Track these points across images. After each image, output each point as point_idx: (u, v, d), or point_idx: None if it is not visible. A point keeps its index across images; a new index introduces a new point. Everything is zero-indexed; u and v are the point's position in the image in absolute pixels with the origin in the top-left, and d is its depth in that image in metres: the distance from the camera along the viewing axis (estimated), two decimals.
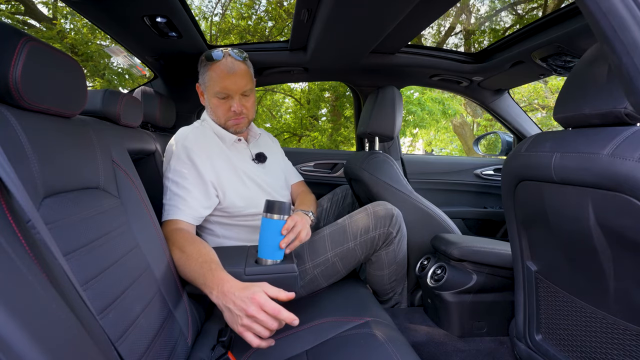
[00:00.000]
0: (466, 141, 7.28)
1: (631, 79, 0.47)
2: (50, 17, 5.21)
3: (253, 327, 0.67)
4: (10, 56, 0.49)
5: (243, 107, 1.07)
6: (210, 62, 1.03)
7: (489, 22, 6.66)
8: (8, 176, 0.34)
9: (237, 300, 0.69)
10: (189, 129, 1.09)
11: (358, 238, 1.06)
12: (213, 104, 1.07)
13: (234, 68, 1.03)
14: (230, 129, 1.10)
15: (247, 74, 1.07)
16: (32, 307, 0.34)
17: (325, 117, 7.27)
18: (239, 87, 1.04)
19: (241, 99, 1.06)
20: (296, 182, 1.38)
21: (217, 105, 1.07)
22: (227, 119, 1.08)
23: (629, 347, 0.61)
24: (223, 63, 1.02)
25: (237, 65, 1.04)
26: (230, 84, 1.03)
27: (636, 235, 0.52)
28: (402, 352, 0.71)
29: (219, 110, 1.07)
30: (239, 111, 1.06)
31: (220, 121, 1.09)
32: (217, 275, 0.75)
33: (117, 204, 0.69)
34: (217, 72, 1.03)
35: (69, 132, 0.62)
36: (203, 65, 1.06)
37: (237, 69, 1.03)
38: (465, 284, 1.08)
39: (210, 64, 1.03)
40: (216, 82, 1.03)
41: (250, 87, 1.07)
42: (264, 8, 6.16)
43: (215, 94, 1.05)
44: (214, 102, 1.07)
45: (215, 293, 0.72)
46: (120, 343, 0.55)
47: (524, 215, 0.79)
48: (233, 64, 1.03)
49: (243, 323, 0.67)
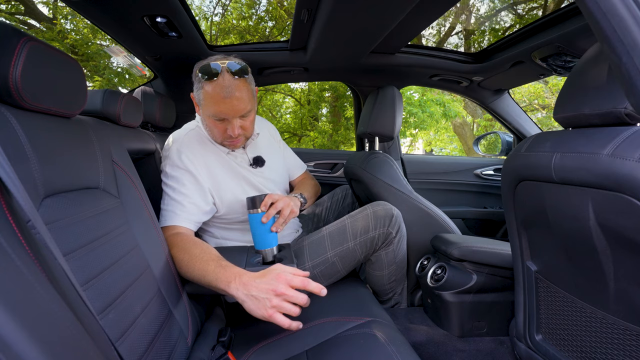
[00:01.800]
0: (466, 141, 7.28)
1: (631, 79, 0.47)
2: (51, 17, 5.21)
3: (283, 305, 0.67)
4: (10, 56, 0.49)
5: (240, 129, 0.96)
6: (205, 79, 0.88)
7: (489, 22, 6.66)
8: (8, 176, 0.34)
9: (262, 284, 0.69)
10: (183, 132, 1.06)
11: (358, 238, 1.06)
12: (209, 124, 0.98)
13: (232, 90, 0.88)
14: (227, 147, 1.05)
15: (246, 94, 0.92)
16: (32, 307, 0.34)
17: (325, 118, 7.27)
18: (236, 111, 0.92)
19: (239, 121, 0.95)
20: (300, 174, 1.36)
21: (212, 125, 0.97)
22: (223, 139, 1.00)
23: (629, 347, 0.61)
24: (219, 84, 0.88)
25: (235, 85, 0.89)
26: (227, 109, 0.91)
27: (636, 235, 0.52)
28: (402, 352, 0.71)
29: (215, 131, 0.98)
30: (236, 135, 0.96)
31: (217, 140, 1.02)
32: (231, 270, 0.75)
33: (117, 204, 0.69)
34: (212, 93, 0.89)
35: (69, 132, 0.62)
36: (197, 80, 0.92)
37: (235, 91, 0.89)
38: (465, 284, 1.08)
39: (205, 82, 0.89)
40: (211, 105, 0.91)
41: (249, 109, 0.95)
42: (264, 8, 6.16)
43: (210, 115, 0.94)
44: (210, 122, 0.96)
45: (234, 285, 0.71)
46: (120, 343, 0.55)
47: (524, 215, 0.79)
48: (230, 85, 0.88)
49: (273, 304, 0.67)
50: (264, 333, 0.88)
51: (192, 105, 1.73)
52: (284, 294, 0.68)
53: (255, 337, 0.86)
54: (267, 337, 0.85)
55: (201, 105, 0.95)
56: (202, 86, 0.91)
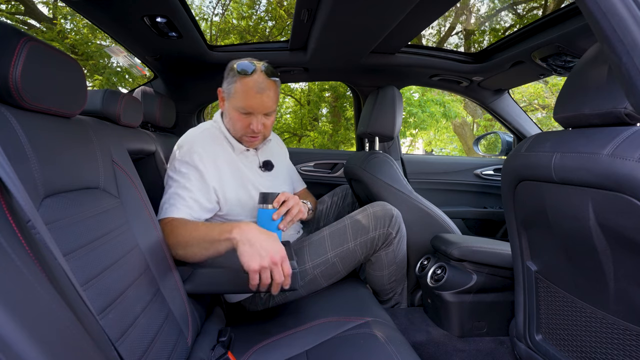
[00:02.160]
0: (466, 141, 7.28)
1: (631, 79, 0.47)
2: (51, 17, 5.21)
3: (274, 271, 0.74)
4: (10, 56, 0.49)
5: (262, 126, 1.03)
6: (240, 75, 0.97)
7: (489, 22, 6.66)
8: (8, 176, 0.34)
9: (264, 241, 0.75)
10: (198, 131, 1.07)
11: (358, 238, 1.06)
12: (233, 116, 1.02)
13: (263, 88, 0.97)
14: (244, 143, 1.08)
15: (274, 94, 1.02)
16: (32, 307, 0.34)
17: (325, 118, 7.27)
18: (264, 107, 1.00)
19: (262, 118, 1.02)
20: (300, 189, 1.39)
21: (237, 118, 1.02)
22: (243, 134, 1.04)
23: (629, 347, 0.61)
24: (254, 79, 0.96)
25: (267, 84, 0.98)
26: (256, 104, 0.98)
27: (636, 235, 0.52)
28: (402, 352, 0.71)
29: (238, 124, 1.03)
30: (258, 130, 1.02)
31: (237, 134, 1.06)
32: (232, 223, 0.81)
33: (117, 204, 0.69)
34: (246, 88, 0.97)
35: (69, 132, 0.62)
36: (232, 75, 0.99)
37: (266, 89, 0.98)
38: (465, 284, 1.08)
39: (240, 77, 0.97)
40: (242, 98, 0.98)
41: (274, 109, 1.04)
42: (264, 8, 6.16)
43: (237, 108, 1.00)
44: (235, 115, 1.02)
45: (237, 229, 0.77)
46: (120, 343, 0.55)
47: (524, 215, 0.79)
48: (263, 83, 0.97)
49: (263, 264, 0.72)
50: (264, 333, 0.88)
51: (192, 105, 1.75)
52: (277, 265, 0.74)
53: (255, 337, 0.86)
54: (267, 337, 0.85)
55: (230, 98, 1.01)
56: (235, 80, 0.98)
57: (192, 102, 1.72)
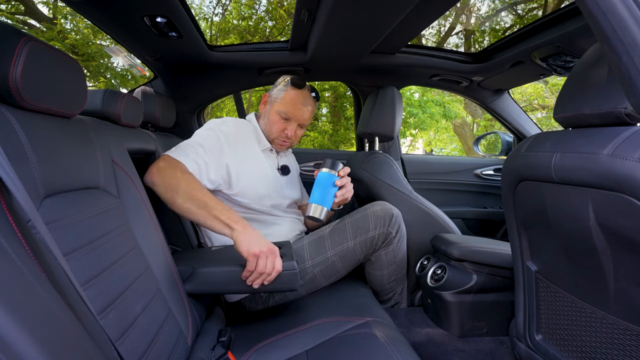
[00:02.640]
0: (466, 141, 7.28)
1: (631, 79, 0.47)
2: (51, 17, 5.21)
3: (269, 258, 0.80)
4: (10, 56, 0.49)
5: (294, 135, 1.17)
6: (294, 86, 1.14)
7: (489, 22, 6.65)
8: (8, 176, 0.34)
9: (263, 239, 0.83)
10: (232, 120, 1.15)
11: (358, 237, 1.06)
12: (273, 119, 1.16)
13: (307, 102, 1.16)
14: (274, 146, 1.20)
15: (312, 111, 1.20)
16: (32, 307, 0.34)
17: (325, 117, 7.26)
18: (303, 118, 1.16)
19: (296, 128, 1.17)
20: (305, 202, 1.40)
21: (275, 121, 1.15)
22: (277, 136, 1.17)
23: (629, 347, 0.61)
24: (302, 93, 1.15)
25: (310, 100, 1.17)
26: (298, 113, 1.15)
27: (636, 235, 0.52)
28: (402, 352, 0.71)
29: (275, 127, 1.16)
30: (290, 136, 1.16)
31: (271, 136, 1.18)
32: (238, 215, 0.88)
33: (117, 204, 0.69)
34: (294, 97, 1.14)
35: (69, 132, 0.62)
36: (284, 84, 1.16)
37: (309, 104, 1.17)
38: (465, 284, 1.08)
39: (292, 88, 1.14)
40: (288, 104, 1.14)
41: (308, 123, 1.20)
42: (264, 8, 6.16)
43: (280, 112, 1.14)
44: (275, 118, 1.15)
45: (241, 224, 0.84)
46: (120, 343, 0.55)
47: (524, 215, 0.79)
48: (309, 99, 1.16)
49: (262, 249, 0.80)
50: (264, 333, 0.88)
51: (192, 105, 1.75)
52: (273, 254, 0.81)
53: (255, 337, 0.86)
54: (267, 337, 0.85)
55: (275, 102, 1.16)
56: (287, 89, 1.15)
57: (192, 102, 1.72)
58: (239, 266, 0.83)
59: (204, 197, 0.87)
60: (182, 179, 0.88)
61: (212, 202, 0.87)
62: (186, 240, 1.15)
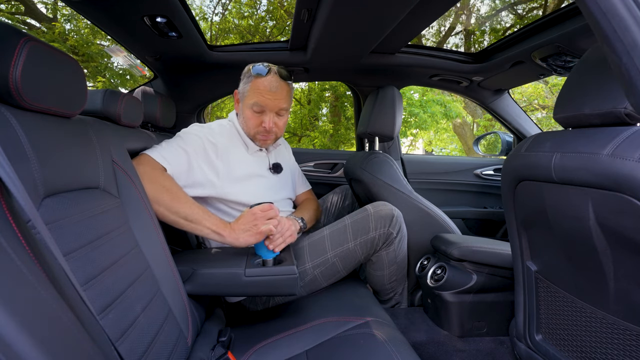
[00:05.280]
0: (466, 141, 7.28)
1: (631, 79, 0.47)
2: (51, 17, 5.21)
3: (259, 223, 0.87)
4: (10, 56, 0.49)
5: (274, 125, 1.08)
6: (255, 76, 1.04)
7: (489, 22, 6.65)
8: (8, 176, 0.34)
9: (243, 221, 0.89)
10: (216, 125, 1.11)
11: (358, 238, 1.06)
12: (247, 115, 1.08)
13: (277, 86, 1.04)
14: (257, 142, 1.12)
15: (288, 94, 1.08)
16: (32, 307, 0.34)
17: (325, 117, 7.26)
18: (276, 105, 1.06)
19: (274, 117, 1.08)
20: (304, 191, 1.39)
21: (250, 117, 1.07)
22: (256, 132, 1.09)
23: (629, 347, 0.61)
24: (268, 80, 1.04)
25: (280, 84, 1.05)
26: (268, 102, 1.04)
27: (636, 235, 0.52)
28: (402, 352, 0.71)
29: (251, 122, 1.08)
30: (269, 128, 1.07)
31: (250, 133, 1.10)
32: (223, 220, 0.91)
33: (117, 204, 0.69)
34: (260, 87, 1.04)
35: (69, 132, 0.62)
36: (247, 76, 1.07)
37: (279, 88, 1.05)
38: (465, 284, 1.08)
39: (255, 78, 1.04)
40: (256, 95, 1.04)
41: (285, 107, 1.09)
42: (265, 8, 6.16)
43: (251, 106, 1.06)
44: (248, 113, 1.07)
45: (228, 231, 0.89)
46: (120, 343, 0.55)
47: (524, 215, 0.79)
48: (276, 83, 1.04)
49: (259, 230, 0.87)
50: (264, 333, 0.88)
51: (192, 105, 1.75)
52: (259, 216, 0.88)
53: (255, 337, 0.86)
54: (267, 337, 0.85)
55: (244, 97, 1.08)
56: (250, 81, 1.05)
57: (192, 102, 1.72)
58: (240, 268, 0.83)
59: (188, 209, 0.88)
60: (165, 189, 0.87)
61: (198, 213, 0.89)
62: (186, 241, 1.15)
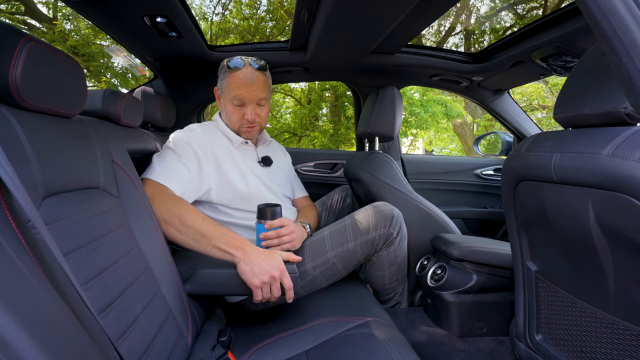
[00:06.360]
0: (466, 141, 7.27)
1: (631, 79, 0.47)
2: (51, 17, 5.21)
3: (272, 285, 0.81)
4: (10, 56, 0.49)
5: (257, 116, 1.10)
6: (230, 70, 1.06)
7: (489, 22, 6.65)
8: (8, 176, 0.34)
9: (264, 262, 0.81)
10: (197, 126, 1.12)
11: (358, 239, 1.06)
12: (228, 110, 1.10)
13: (253, 78, 1.06)
14: (243, 135, 1.13)
15: (265, 84, 1.10)
16: (32, 307, 0.34)
17: (325, 117, 7.26)
18: (254, 96, 1.07)
19: (255, 108, 1.10)
20: (303, 196, 1.38)
21: (231, 111, 1.10)
22: (240, 125, 1.11)
23: (629, 347, 0.61)
24: (243, 72, 1.05)
25: (256, 75, 1.07)
26: (247, 93, 1.06)
27: (636, 235, 0.52)
28: (402, 352, 0.71)
29: (233, 117, 1.10)
30: (252, 119, 1.09)
31: (234, 127, 1.13)
32: (239, 238, 0.86)
33: (117, 204, 0.69)
34: (236, 80, 1.06)
35: (69, 132, 0.62)
36: (223, 71, 1.09)
37: (256, 79, 1.06)
38: (465, 284, 1.08)
39: (230, 72, 1.06)
40: (233, 89, 1.06)
41: (265, 97, 1.10)
42: (265, 8, 6.16)
43: (231, 100, 1.08)
44: (229, 108, 1.10)
45: (240, 251, 0.83)
46: (120, 343, 0.55)
47: (524, 215, 0.79)
48: (252, 74, 1.06)
49: (264, 280, 0.79)
50: (264, 333, 0.88)
51: (192, 105, 1.75)
52: (276, 280, 0.80)
53: (255, 337, 0.86)
54: (267, 337, 0.85)
55: (223, 92, 1.10)
56: (226, 76, 1.07)
57: (192, 102, 1.72)
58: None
59: (199, 226, 0.85)
60: (174, 209, 0.86)
61: (208, 230, 0.85)
62: None
